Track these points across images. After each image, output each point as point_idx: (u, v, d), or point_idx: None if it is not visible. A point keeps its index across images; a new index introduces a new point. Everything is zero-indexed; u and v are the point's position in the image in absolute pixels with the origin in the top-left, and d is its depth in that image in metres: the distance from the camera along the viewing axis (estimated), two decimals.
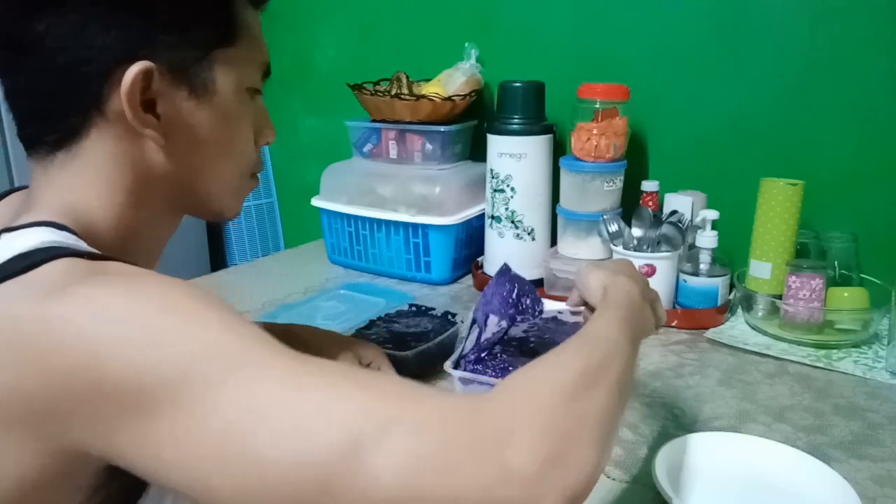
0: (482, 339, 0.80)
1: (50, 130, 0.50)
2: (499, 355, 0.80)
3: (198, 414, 0.37)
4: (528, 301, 0.75)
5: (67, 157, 0.51)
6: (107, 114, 0.50)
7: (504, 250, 1.22)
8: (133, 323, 0.39)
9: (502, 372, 0.77)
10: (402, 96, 1.29)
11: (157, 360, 0.38)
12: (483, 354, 0.80)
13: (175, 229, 0.61)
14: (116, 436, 0.38)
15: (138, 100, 0.49)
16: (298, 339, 0.82)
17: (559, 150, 1.22)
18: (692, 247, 1.11)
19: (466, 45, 1.35)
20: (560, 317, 0.94)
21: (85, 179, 0.51)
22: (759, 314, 1.06)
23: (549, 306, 0.80)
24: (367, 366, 0.81)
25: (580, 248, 1.19)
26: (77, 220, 0.49)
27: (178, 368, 0.38)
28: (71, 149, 0.50)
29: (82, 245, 0.47)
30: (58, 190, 0.51)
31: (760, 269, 1.05)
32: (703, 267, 1.09)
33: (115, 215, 0.52)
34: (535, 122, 1.18)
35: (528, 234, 1.21)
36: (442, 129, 1.29)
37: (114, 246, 0.51)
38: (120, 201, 0.52)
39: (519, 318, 0.76)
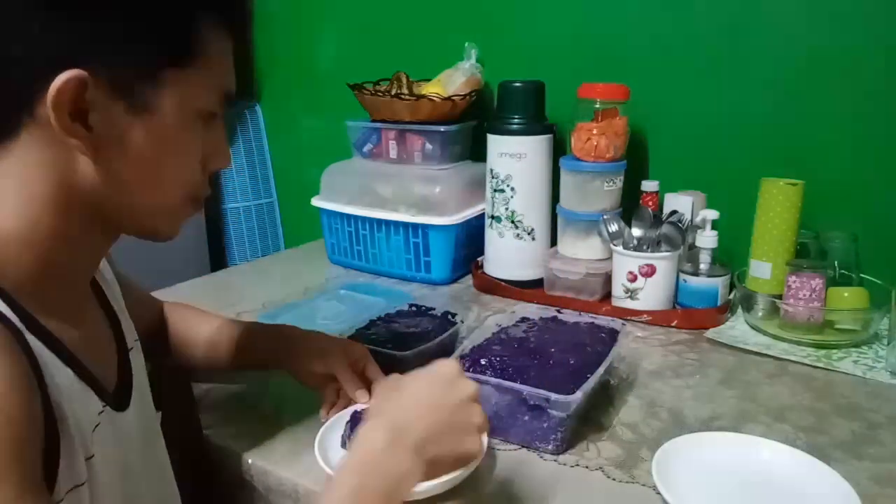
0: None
1: None
2: (498, 356, 0.80)
3: None
4: None
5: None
6: (36, 117, 0.48)
7: (504, 250, 1.22)
8: None
9: (502, 372, 0.77)
10: (402, 96, 1.29)
11: None
12: (483, 355, 0.80)
13: (106, 248, 0.59)
14: None
15: (66, 108, 0.47)
16: (289, 339, 0.82)
17: (559, 149, 1.22)
18: (692, 247, 1.11)
19: (466, 45, 1.35)
20: (560, 317, 0.94)
21: (6, 182, 0.49)
22: (759, 314, 1.06)
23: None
24: (354, 362, 0.80)
25: (580, 248, 1.19)
26: None
27: None
28: (2, 147, 0.49)
29: None
30: None
31: (760, 269, 1.05)
32: (703, 267, 1.09)
33: (28, 225, 0.50)
34: (535, 122, 1.18)
35: (528, 234, 1.21)
36: (442, 129, 1.29)
37: (23, 259, 0.50)
38: (37, 210, 0.50)
39: None
